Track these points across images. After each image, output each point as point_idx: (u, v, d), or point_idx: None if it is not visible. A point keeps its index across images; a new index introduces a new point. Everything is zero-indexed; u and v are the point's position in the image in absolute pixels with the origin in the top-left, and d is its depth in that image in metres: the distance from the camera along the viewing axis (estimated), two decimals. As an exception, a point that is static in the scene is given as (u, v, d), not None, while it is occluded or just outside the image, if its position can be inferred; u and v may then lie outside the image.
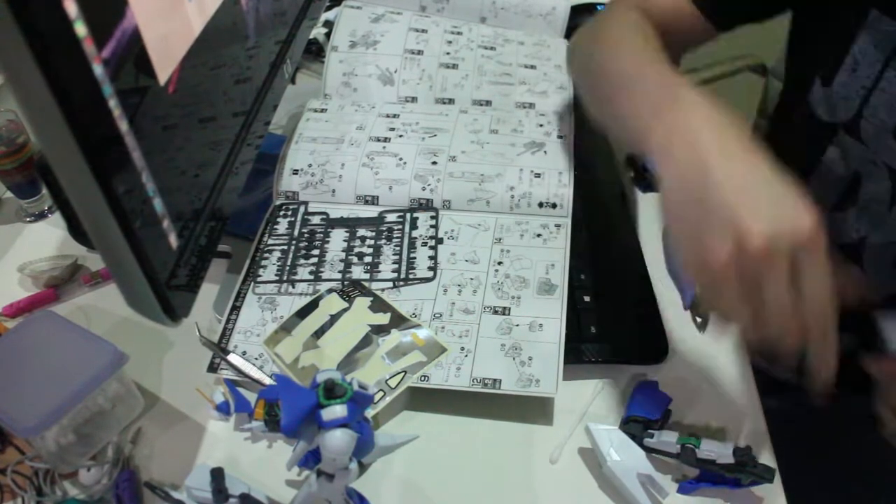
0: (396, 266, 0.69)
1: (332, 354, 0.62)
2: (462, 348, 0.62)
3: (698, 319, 0.66)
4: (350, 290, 0.67)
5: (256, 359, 0.63)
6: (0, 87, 0.71)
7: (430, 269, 0.68)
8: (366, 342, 0.63)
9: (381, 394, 0.59)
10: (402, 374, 0.60)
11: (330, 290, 0.67)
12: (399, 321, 0.64)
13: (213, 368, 0.63)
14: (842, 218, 0.74)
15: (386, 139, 0.79)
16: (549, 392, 0.58)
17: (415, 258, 0.70)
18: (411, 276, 0.68)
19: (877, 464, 0.78)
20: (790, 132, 0.73)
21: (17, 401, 0.55)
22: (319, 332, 0.64)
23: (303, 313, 0.66)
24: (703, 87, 0.56)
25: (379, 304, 0.66)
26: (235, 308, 0.67)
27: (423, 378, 0.60)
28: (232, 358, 0.62)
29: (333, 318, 0.65)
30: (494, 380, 0.59)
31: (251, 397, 0.61)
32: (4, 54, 0.34)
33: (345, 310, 0.66)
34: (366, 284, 0.68)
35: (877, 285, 0.73)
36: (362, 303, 0.66)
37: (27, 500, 0.57)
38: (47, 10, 0.35)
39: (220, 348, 0.63)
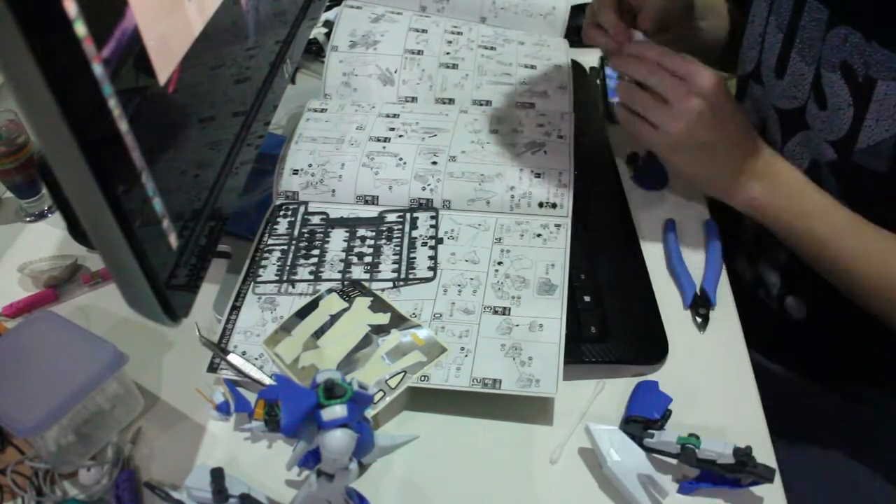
0: (396, 266, 0.69)
1: (332, 354, 0.62)
2: (462, 348, 0.62)
3: (698, 319, 0.66)
4: (350, 290, 0.67)
5: (256, 359, 0.63)
6: (0, 87, 0.71)
7: (430, 269, 0.68)
8: (366, 342, 0.63)
9: (380, 394, 0.59)
10: (402, 374, 0.60)
11: (330, 290, 0.67)
12: (399, 321, 0.64)
13: (213, 368, 0.63)
14: None
15: (386, 139, 0.79)
16: (549, 392, 0.58)
17: (415, 258, 0.70)
18: (411, 277, 0.68)
19: (877, 464, 0.78)
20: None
21: (17, 401, 0.55)
22: (319, 333, 0.64)
23: (303, 313, 0.66)
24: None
25: (379, 304, 0.66)
26: (235, 308, 0.67)
27: (423, 378, 0.60)
28: (232, 358, 0.62)
29: (333, 319, 0.65)
30: (494, 380, 0.59)
31: (251, 397, 0.61)
32: (4, 54, 0.34)
33: (345, 310, 0.65)
34: (366, 284, 0.68)
35: None
36: (362, 303, 0.66)
37: (27, 500, 0.57)
38: (47, 10, 0.35)
39: (220, 348, 0.63)
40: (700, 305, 0.68)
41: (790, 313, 0.80)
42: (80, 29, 0.37)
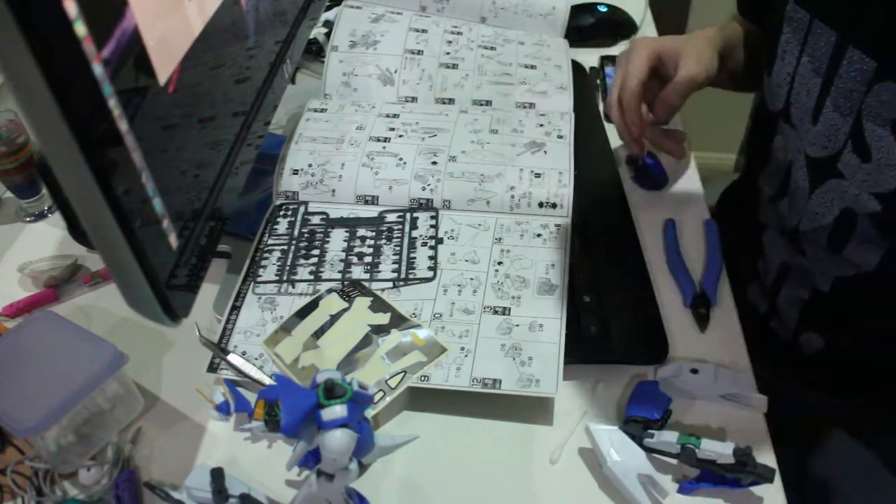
0: (396, 266, 0.69)
1: (332, 354, 0.62)
2: (462, 348, 0.62)
3: (698, 318, 0.67)
4: (350, 290, 0.67)
5: (256, 359, 0.63)
6: (0, 87, 0.71)
7: (430, 269, 0.68)
8: (366, 342, 0.63)
9: (380, 394, 0.59)
10: (402, 374, 0.60)
11: (330, 290, 0.67)
12: (399, 321, 0.64)
13: (213, 368, 0.63)
14: (780, 206, 0.77)
15: (386, 139, 0.79)
16: (549, 392, 0.58)
17: (415, 258, 0.70)
18: (411, 276, 0.68)
19: (876, 464, 0.78)
20: (756, 126, 0.82)
21: (17, 401, 0.55)
22: (319, 333, 0.64)
23: (303, 313, 0.66)
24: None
25: (379, 304, 0.66)
26: (235, 308, 0.67)
27: (423, 378, 0.60)
28: (232, 358, 0.62)
29: (333, 318, 0.65)
30: (494, 380, 0.59)
31: (251, 397, 0.61)
32: (4, 54, 0.34)
33: (345, 310, 0.65)
34: (366, 284, 0.68)
35: (820, 270, 0.75)
36: (362, 303, 0.66)
37: (27, 500, 0.57)
38: (47, 10, 0.35)
39: (220, 348, 0.63)
40: (700, 305, 0.68)
41: (803, 347, 0.79)
42: (80, 29, 0.37)
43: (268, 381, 0.61)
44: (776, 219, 0.79)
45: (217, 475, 0.52)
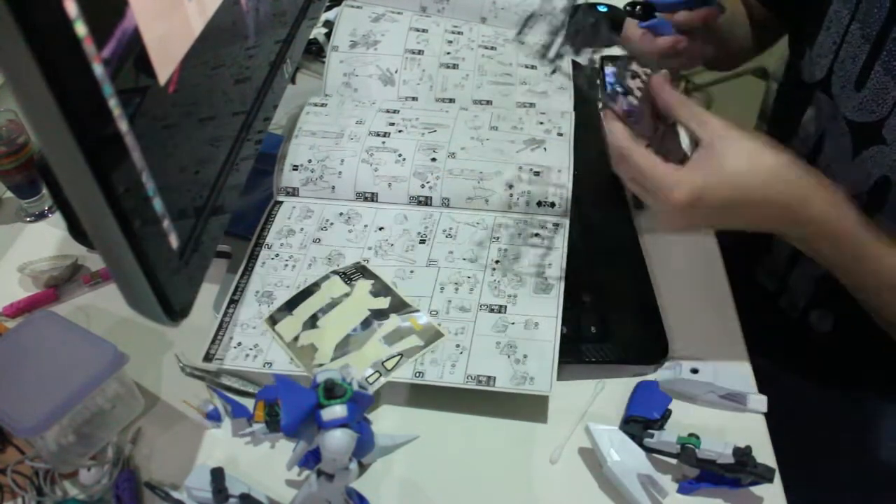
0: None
1: (332, 335, 0.63)
2: (457, 345, 0.62)
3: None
4: (352, 273, 0.68)
5: (251, 349, 0.63)
6: (0, 87, 0.71)
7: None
8: (365, 325, 0.64)
9: (376, 374, 0.60)
10: (399, 356, 0.61)
11: (333, 273, 0.68)
12: (399, 306, 0.65)
13: (208, 358, 0.63)
14: None
15: (385, 134, 0.79)
16: (543, 390, 0.58)
17: None
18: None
19: (876, 464, 0.78)
20: (782, 102, 0.77)
21: (17, 401, 0.55)
22: (320, 314, 0.65)
23: (304, 294, 0.67)
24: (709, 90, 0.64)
25: (380, 288, 0.66)
26: (233, 302, 0.67)
27: (417, 374, 0.60)
28: (224, 379, 0.63)
29: (334, 301, 0.66)
30: (489, 377, 0.59)
31: (247, 402, 0.61)
32: (4, 54, 0.34)
33: (346, 293, 0.66)
34: (369, 268, 0.68)
35: None
36: (364, 286, 0.67)
37: (27, 500, 0.57)
38: (47, 9, 0.35)
39: (206, 372, 0.64)
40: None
41: (812, 325, 0.79)
42: (81, 29, 0.37)
43: (262, 372, 0.62)
44: None
45: (217, 475, 0.52)
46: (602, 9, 1.04)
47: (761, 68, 1.35)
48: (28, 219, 0.83)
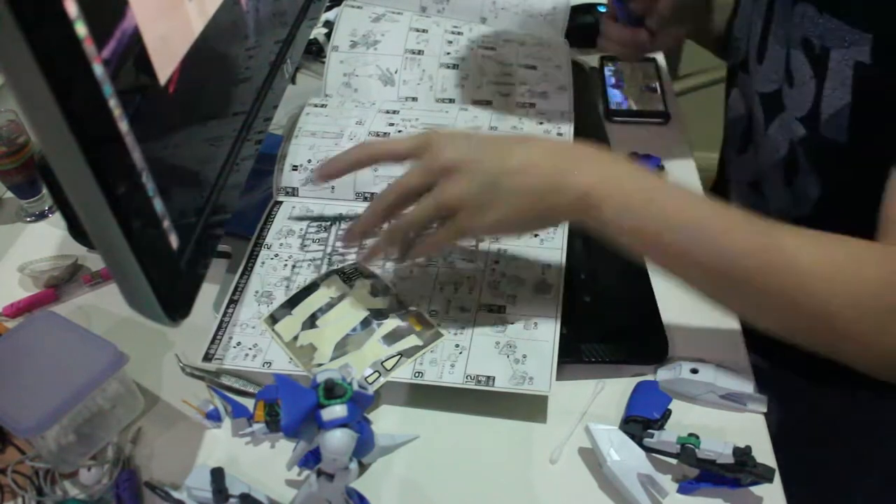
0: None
1: (331, 335, 0.63)
2: (457, 345, 0.62)
3: None
4: (352, 273, 0.68)
5: (251, 349, 0.63)
6: (0, 87, 0.71)
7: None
8: (364, 325, 0.64)
9: (375, 374, 0.60)
10: (398, 356, 0.61)
11: (331, 273, 0.68)
12: (398, 306, 0.65)
13: (208, 358, 0.63)
14: (746, 159, 0.80)
15: (385, 134, 0.79)
16: (542, 390, 0.58)
17: None
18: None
19: (876, 464, 0.78)
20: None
21: (17, 401, 0.55)
22: (319, 313, 0.65)
23: (303, 294, 0.67)
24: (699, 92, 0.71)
25: (379, 288, 0.66)
26: (233, 302, 0.67)
27: (417, 374, 0.60)
28: (224, 379, 0.63)
29: (333, 301, 0.66)
30: (488, 377, 0.59)
31: (247, 402, 0.61)
32: (4, 54, 0.34)
33: (345, 293, 0.66)
34: (369, 268, 0.68)
35: (776, 211, 0.77)
36: (363, 286, 0.67)
37: (27, 500, 0.57)
38: (47, 10, 0.35)
39: (206, 372, 0.64)
40: None
41: None
42: (81, 29, 0.37)
43: (261, 371, 0.62)
44: (741, 169, 0.81)
45: (217, 475, 0.52)
46: (602, 9, 1.04)
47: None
48: (28, 219, 0.83)
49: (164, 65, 0.48)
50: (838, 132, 0.64)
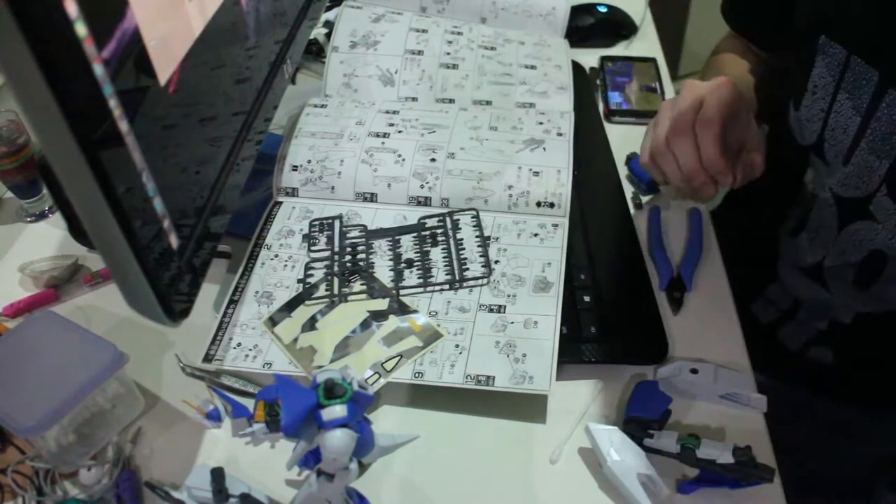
0: (449, 269, 0.68)
1: (331, 337, 0.63)
2: (457, 346, 0.62)
3: (672, 301, 0.67)
4: (351, 275, 0.68)
5: (251, 349, 0.63)
6: (0, 87, 0.71)
7: (483, 266, 0.68)
8: (364, 326, 0.64)
9: (375, 376, 0.60)
10: (398, 357, 0.61)
11: (330, 276, 0.68)
12: (398, 307, 0.65)
13: (208, 359, 0.63)
14: (799, 240, 0.76)
15: (385, 134, 0.79)
16: (542, 389, 0.58)
17: (465, 258, 0.69)
18: (466, 276, 0.68)
19: (875, 464, 0.78)
20: (774, 151, 0.73)
21: (17, 401, 0.55)
22: (319, 315, 0.65)
23: (303, 297, 0.67)
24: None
25: (378, 290, 0.66)
26: (233, 302, 0.67)
27: (417, 375, 0.60)
28: (224, 379, 0.63)
29: (333, 303, 0.66)
30: (488, 377, 0.59)
31: (247, 402, 0.61)
32: (4, 54, 0.34)
33: (344, 295, 0.66)
34: (369, 271, 0.68)
35: (842, 304, 0.74)
36: (362, 287, 0.67)
37: (28, 500, 0.57)
38: (48, 10, 0.35)
39: (206, 372, 0.63)
40: (675, 288, 0.69)
41: (811, 360, 0.79)
42: (81, 29, 0.37)
43: (260, 371, 0.62)
44: (794, 252, 0.77)
45: (217, 475, 0.52)
46: (602, 9, 1.04)
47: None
48: (28, 219, 0.83)
49: (164, 65, 0.48)
50: None
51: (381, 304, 0.66)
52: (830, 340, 0.77)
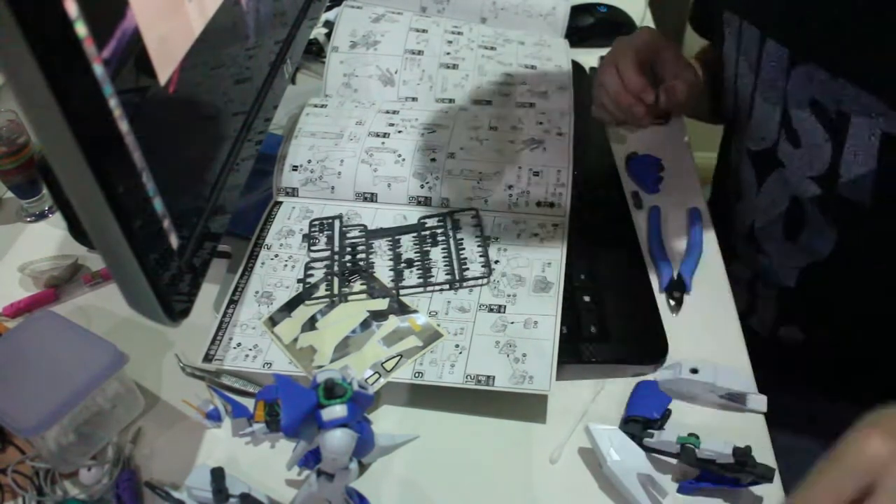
0: (449, 269, 0.68)
1: (330, 337, 0.63)
2: (457, 346, 0.62)
3: (671, 302, 0.67)
4: (351, 275, 0.68)
5: (251, 349, 0.63)
6: (0, 87, 0.71)
7: (483, 266, 0.68)
8: (364, 326, 0.64)
9: (375, 376, 0.60)
10: (398, 357, 0.61)
11: (331, 274, 0.68)
12: (398, 307, 0.65)
13: (208, 359, 0.63)
14: (737, 208, 0.81)
15: (385, 134, 0.79)
16: (542, 389, 0.58)
17: (465, 258, 0.69)
18: (466, 276, 0.68)
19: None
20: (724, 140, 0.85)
21: (17, 401, 0.55)
22: (319, 315, 0.65)
23: (303, 297, 0.67)
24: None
25: (378, 290, 0.66)
26: (233, 302, 0.67)
27: (417, 375, 0.60)
28: (224, 379, 0.63)
29: (333, 303, 0.66)
30: (488, 376, 0.59)
31: (247, 402, 0.61)
32: (4, 54, 0.34)
33: (344, 294, 0.66)
34: (369, 271, 0.68)
35: (780, 265, 0.77)
36: (362, 287, 0.67)
37: (28, 500, 0.57)
38: (48, 10, 0.35)
39: (206, 372, 0.63)
40: (675, 289, 0.69)
41: (783, 341, 0.80)
42: (81, 29, 0.37)
43: (261, 371, 0.62)
44: (737, 221, 0.82)
45: (217, 475, 0.52)
46: (602, 9, 1.04)
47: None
48: (28, 219, 0.83)
49: (164, 65, 0.48)
50: (861, 194, 0.64)
51: (381, 304, 0.66)
52: (790, 314, 0.79)
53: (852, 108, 0.61)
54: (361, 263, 0.70)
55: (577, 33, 0.98)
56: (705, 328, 0.67)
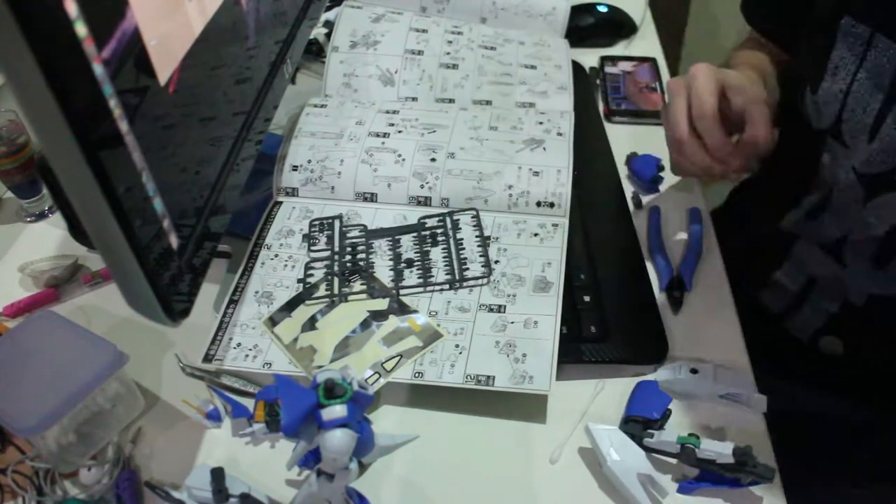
0: (449, 268, 0.68)
1: (330, 337, 0.63)
2: (457, 346, 0.62)
3: (671, 302, 0.67)
4: (351, 275, 0.68)
5: (251, 349, 0.63)
6: (0, 87, 0.71)
7: (483, 266, 0.68)
8: (364, 326, 0.64)
9: (375, 376, 0.60)
10: (398, 357, 0.61)
11: (330, 275, 0.68)
12: (397, 308, 0.65)
13: (208, 359, 0.63)
14: (822, 218, 0.76)
15: (385, 134, 0.79)
16: (542, 389, 0.58)
17: (465, 258, 0.69)
18: (466, 276, 0.68)
19: (876, 464, 0.78)
20: (786, 139, 0.74)
21: (17, 401, 0.55)
22: (319, 315, 0.65)
23: (303, 296, 0.67)
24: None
25: (378, 289, 0.66)
26: (233, 302, 0.67)
27: (417, 375, 0.60)
28: (224, 379, 0.63)
29: (333, 303, 0.66)
30: (488, 376, 0.59)
31: (248, 402, 0.61)
32: (4, 54, 0.34)
33: (344, 294, 0.66)
34: (369, 271, 0.68)
35: (857, 285, 0.74)
36: (362, 287, 0.67)
37: (28, 500, 0.57)
38: (47, 10, 0.35)
39: (206, 372, 0.63)
40: (675, 288, 0.69)
41: (821, 350, 0.79)
42: (81, 29, 0.37)
43: (261, 371, 0.62)
44: (814, 231, 0.77)
45: (217, 475, 0.52)
46: (602, 9, 1.04)
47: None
48: (28, 219, 0.83)
49: (164, 65, 0.48)
50: None
51: (381, 303, 0.66)
52: (841, 327, 0.77)
53: None
54: (361, 263, 0.70)
55: (577, 33, 0.98)
56: (705, 328, 0.67)
